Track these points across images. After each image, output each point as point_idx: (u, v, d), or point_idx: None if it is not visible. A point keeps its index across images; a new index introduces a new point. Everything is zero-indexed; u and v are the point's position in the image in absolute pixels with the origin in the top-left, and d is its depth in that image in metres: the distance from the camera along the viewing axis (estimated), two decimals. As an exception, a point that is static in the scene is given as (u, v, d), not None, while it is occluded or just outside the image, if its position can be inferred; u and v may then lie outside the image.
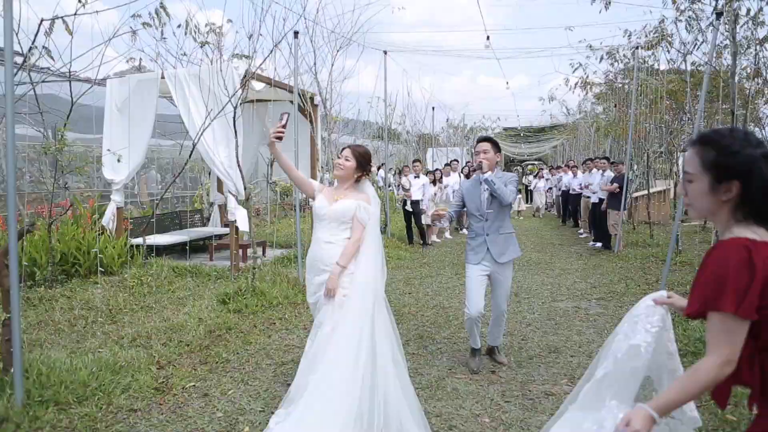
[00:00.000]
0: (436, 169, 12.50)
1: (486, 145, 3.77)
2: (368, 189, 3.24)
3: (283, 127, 3.04)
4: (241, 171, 5.98)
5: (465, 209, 3.94)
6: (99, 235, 7.11)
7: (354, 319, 2.90)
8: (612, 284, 6.78)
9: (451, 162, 13.53)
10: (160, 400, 3.34)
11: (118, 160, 6.60)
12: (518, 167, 44.59)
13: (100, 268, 5.35)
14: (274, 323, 5.03)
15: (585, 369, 3.88)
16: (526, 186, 23.17)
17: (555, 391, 3.52)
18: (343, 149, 3.24)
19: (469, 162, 13.80)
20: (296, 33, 6.36)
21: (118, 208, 7.67)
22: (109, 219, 7.61)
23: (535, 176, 21.45)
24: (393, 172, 15.03)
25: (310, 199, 3.28)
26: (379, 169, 16.03)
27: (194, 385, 3.58)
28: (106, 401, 3.22)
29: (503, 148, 32.09)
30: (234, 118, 5.74)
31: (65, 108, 6.09)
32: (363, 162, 3.20)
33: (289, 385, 3.58)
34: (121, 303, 5.54)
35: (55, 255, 6.37)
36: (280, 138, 3.03)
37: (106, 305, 5.45)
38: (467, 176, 10.57)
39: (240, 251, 7.82)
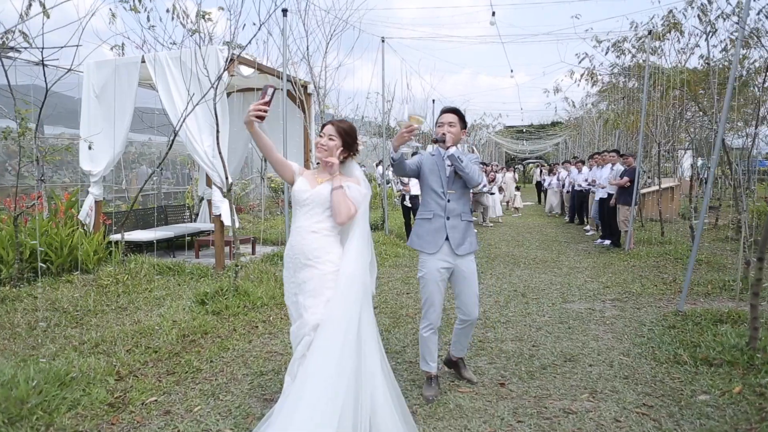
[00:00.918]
0: None
1: (452, 117, 3.16)
2: (356, 171, 2.75)
3: (266, 104, 2.47)
4: (223, 160, 5.48)
5: (418, 180, 3.30)
6: (74, 230, 6.64)
7: (338, 321, 2.44)
8: (626, 284, 6.27)
9: None
10: (112, 419, 2.84)
11: (90, 147, 6.10)
12: (519, 165, 44.11)
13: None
14: (257, 326, 4.54)
15: (607, 381, 3.41)
16: (540, 183, 21.80)
17: (575, 408, 3.02)
18: (324, 125, 2.73)
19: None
20: (285, 11, 5.87)
21: (96, 202, 7.16)
22: (86, 213, 7.12)
23: (548, 173, 19.51)
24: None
25: (289, 185, 2.77)
26: (377, 165, 15.55)
27: (156, 400, 3.09)
28: (47, 421, 2.72)
29: (504, 146, 31.67)
30: (215, 101, 5.24)
31: (49, 99, 5.61)
32: (349, 140, 2.70)
33: (266, 399, 3.13)
34: (91, 303, 5.05)
35: (24, 251, 5.88)
36: (260, 117, 2.49)
37: (74, 306, 4.97)
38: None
39: (228, 248, 7.34)
